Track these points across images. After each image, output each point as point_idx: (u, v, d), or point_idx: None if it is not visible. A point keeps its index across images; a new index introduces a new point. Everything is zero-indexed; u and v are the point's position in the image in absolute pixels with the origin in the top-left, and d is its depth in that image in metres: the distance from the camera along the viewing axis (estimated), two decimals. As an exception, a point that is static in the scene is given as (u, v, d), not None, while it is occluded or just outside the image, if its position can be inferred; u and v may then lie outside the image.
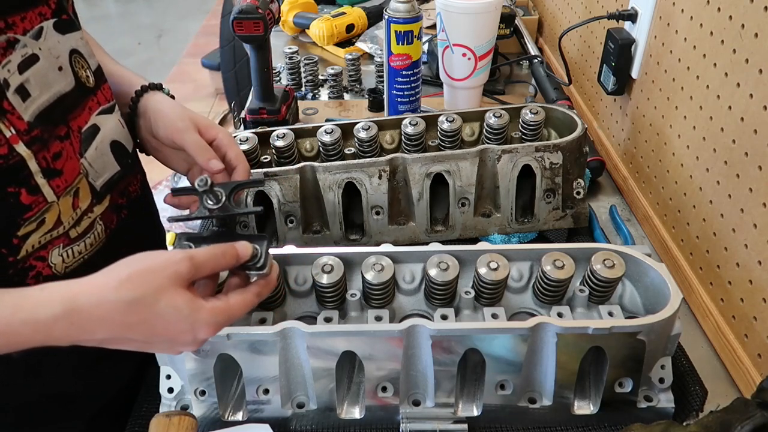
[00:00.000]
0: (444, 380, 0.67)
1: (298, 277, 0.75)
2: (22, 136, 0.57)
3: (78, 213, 0.65)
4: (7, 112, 0.55)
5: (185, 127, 0.71)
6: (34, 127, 0.58)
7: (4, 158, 0.56)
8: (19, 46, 0.57)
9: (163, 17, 4.76)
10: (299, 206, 0.88)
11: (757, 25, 0.71)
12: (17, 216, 0.58)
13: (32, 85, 0.58)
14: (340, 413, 0.68)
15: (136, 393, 0.76)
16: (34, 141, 0.58)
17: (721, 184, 0.80)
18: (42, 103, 0.60)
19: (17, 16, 0.57)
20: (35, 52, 0.59)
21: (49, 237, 0.62)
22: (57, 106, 0.62)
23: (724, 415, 0.55)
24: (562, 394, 0.68)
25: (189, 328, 0.53)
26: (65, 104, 0.63)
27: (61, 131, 0.63)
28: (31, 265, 0.61)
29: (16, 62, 0.57)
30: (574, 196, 0.92)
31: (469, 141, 1.00)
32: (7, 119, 0.56)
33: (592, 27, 1.21)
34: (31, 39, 0.59)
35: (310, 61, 1.38)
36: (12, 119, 0.56)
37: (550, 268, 0.70)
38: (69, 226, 0.64)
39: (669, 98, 0.93)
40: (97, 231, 0.68)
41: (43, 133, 0.59)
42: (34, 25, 0.59)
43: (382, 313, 0.69)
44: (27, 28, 0.58)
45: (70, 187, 0.63)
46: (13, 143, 0.56)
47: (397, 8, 1.08)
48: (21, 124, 0.57)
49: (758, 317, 0.73)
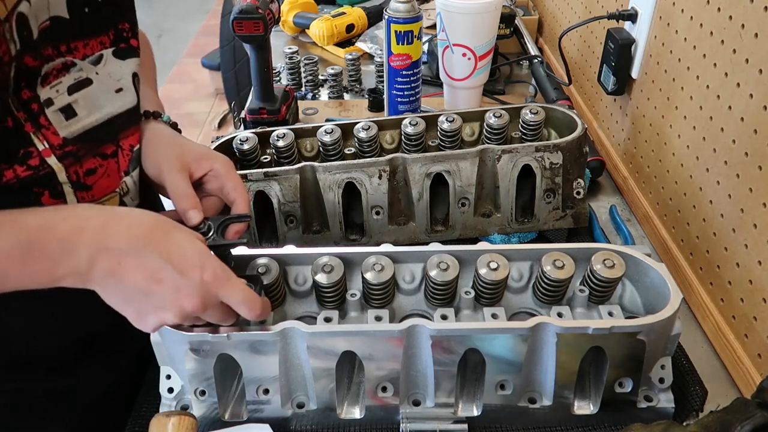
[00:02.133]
0: (444, 380, 0.67)
1: (298, 277, 0.75)
2: (54, 151, 0.60)
3: None
4: (42, 127, 0.59)
5: (168, 169, 0.68)
6: (70, 144, 0.61)
7: (35, 169, 0.59)
8: (75, 70, 0.61)
9: (163, 17, 4.76)
10: (299, 206, 0.88)
11: (757, 25, 0.71)
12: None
13: (80, 106, 0.62)
14: (340, 413, 0.68)
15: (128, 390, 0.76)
16: (67, 156, 0.61)
17: (721, 184, 0.80)
18: (89, 123, 0.63)
19: (80, 42, 0.62)
20: (90, 76, 0.63)
21: None
22: (107, 125, 0.65)
23: (724, 415, 0.55)
24: (562, 394, 0.68)
25: (198, 263, 0.57)
26: (117, 123, 0.67)
27: (108, 149, 0.66)
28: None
29: (67, 84, 0.61)
30: (574, 196, 0.92)
31: (469, 141, 1.00)
32: (42, 134, 0.59)
33: (592, 27, 1.21)
34: (88, 64, 0.63)
35: (310, 61, 1.38)
36: (47, 134, 0.59)
37: (550, 268, 0.70)
38: None
39: (669, 98, 0.93)
40: None
41: (79, 149, 0.62)
42: (95, 52, 0.63)
43: (382, 313, 0.69)
44: (87, 54, 0.63)
45: (95, 202, 0.65)
46: (45, 156, 0.59)
47: (397, 8, 1.08)
48: (56, 139, 0.60)
49: (758, 317, 0.73)
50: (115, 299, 0.57)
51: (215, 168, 0.70)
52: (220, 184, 0.70)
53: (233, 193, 0.69)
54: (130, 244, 0.56)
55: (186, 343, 0.64)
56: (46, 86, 0.58)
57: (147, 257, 0.56)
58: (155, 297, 0.57)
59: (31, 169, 0.58)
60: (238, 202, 0.69)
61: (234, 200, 0.69)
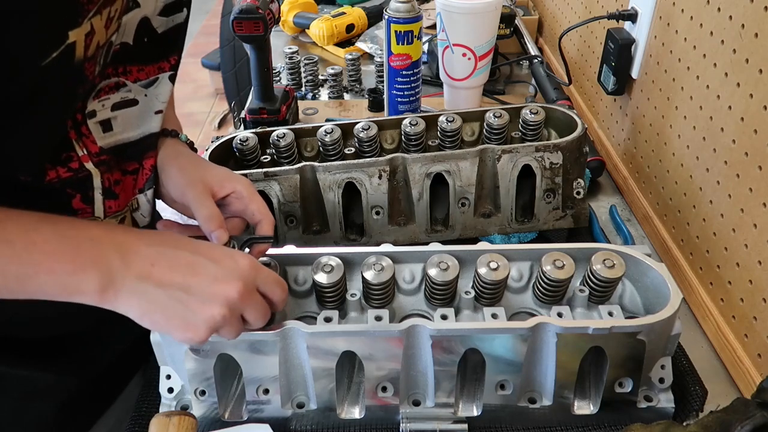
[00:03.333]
0: (444, 380, 0.67)
1: (298, 277, 0.75)
2: (92, 158, 0.63)
3: None
4: (83, 135, 0.62)
5: (194, 194, 0.69)
6: (105, 153, 0.64)
7: (75, 171, 0.62)
8: (124, 90, 0.65)
9: (163, 17, 4.74)
10: (299, 206, 0.88)
11: (757, 25, 0.71)
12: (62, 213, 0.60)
13: (117, 123, 0.65)
14: (340, 413, 0.68)
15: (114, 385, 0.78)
16: (102, 163, 0.64)
17: (721, 184, 0.80)
18: (120, 139, 0.66)
19: (135, 67, 0.66)
20: (137, 97, 0.67)
21: None
22: (137, 144, 0.68)
23: (724, 415, 0.55)
24: (562, 394, 0.68)
25: (229, 253, 0.60)
26: (146, 144, 0.69)
27: (130, 166, 0.69)
28: None
29: (113, 101, 0.64)
30: (574, 196, 0.92)
31: (469, 141, 1.00)
32: (83, 141, 0.62)
33: (592, 27, 1.21)
34: (139, 87, 0.67)
35: (310, 61, 1.38)
36: (87, 142, 0.62)
37: (550, 268, 0.70)
38: None
39: (669, 98, 0.93)
40: None
41: (110, 160, 0.65)
42: (149, 77, 0.67)
43: (382, 313, 0.69)
44: (140, 78, 0.67)
45: (119, 213, 0.68)
46: (83, 161, 0.62)
47: (397, 8, 1.08)
48: (94, 147, 0.63)
49: (758, 317, 0.73)
50: (156, 313, 0.56)
51: (237, 190, 0.72)
52: (243, 206, 0.72)
53: (258, 215, 0.72)
54: (160, 246, 0.57)
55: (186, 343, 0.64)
56: (95, 99, 0.62)
57: (178, 254, 0.57)
58: (196, 291, 0.56)
59: (72, 171, 0.61)
60: (263, 223, 0.72)
61: (259, 221, 0.72)
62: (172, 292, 0.55)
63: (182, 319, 0.56)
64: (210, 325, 0.56)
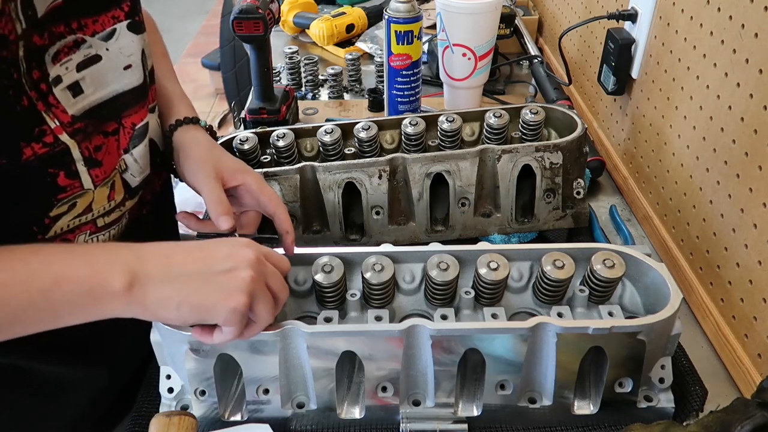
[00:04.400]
0: (444, 380, 0.67)
1: (298, 277, 0.75)
2: (65, 128, 0.60)
3: (112, 205, 0.68)
4: (52, 105, 0.59)
5: (205, 176, 0.71)
6: (78, 121, 0.62)
7: (50, 146, 0.59)
8: (84, 47, 0.62)
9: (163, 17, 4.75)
10: (299, 206, 0.88)
11: (757, 25, 0.71)
12: (52, 195, 0.61)
13: (87, 83, 0.62)
14: (340, 413, 0.68)
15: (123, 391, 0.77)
16: (77, 132, 0.62)
17: (721, 184, 0.80)
18: (94, 100, 0.64)
19: (90, 19, 0.62)
20: (99, 52, 0.63)
21: (77, 222, 0.65)
22: (111, 103, 0.66)
23: (724, 415, 0.55)
24: (562, 394, 0.68)
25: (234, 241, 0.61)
26: (121, 102, 0.67)
27: (110, 127, 0.66)
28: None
29: (76, 61, 0.61)
30: (574, 196, 0.92)
31: (469, 141, 1.00)
32: (53, 112, 0.59)
33: (592, 27, 1.21)
34: (99, 40, 0.63)
35: (310, 61, 1.38)
36: (57, 112, 0.60)
37: (550, 268, 0.70)
38: (98, 214, 0.67)
39: (669, 98, 0.93)
40: (122, 223, 0.71)
41: (87, 126, 0.63)
42: (105, 28, 0.64)
43: (382, 313, 0.69)
44: (97, 30, 0.63)
45: (107, 179, 0.66)
46: (57, 133, 0.60)
47: (397, 8, 1.08)
48: (65, 117, 0.61)
49: (758, 317, 0.73)
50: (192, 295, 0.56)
51: (247, 182, 0.73)
52: (254, 198, 0.74)
53: (270, 205, 0.73)
54: (167, 245, 0.58)
55: (186, 343, 0.64)
56: (56, 64, 0.59)
57: (187, 246, 0.59)
58: (217, 266, 0.57)
59: (47, 146, 0.59)
60: (278, 213, 0.73)
61: (273, 212, 0.73)
62: (196, 273, 0.56)
63: (219, 291, 0.56)
64: (246, 289, 0.57)
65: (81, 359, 0.72)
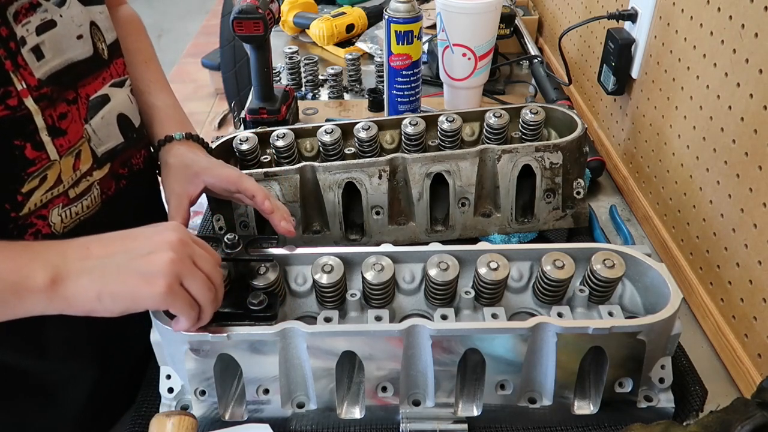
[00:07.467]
0: (444, 380, 0.67)
1: (298, 277, 0.75)
2: (32, 92, 0.60)
3: (78, 174, 0.68)
4: (20, 66, 0.59)
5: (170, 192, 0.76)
6: (44, 86, 0.62)
7: (13, 110, 0.59)
8: (41, 10, 0.62)
9: (163, 17, 4.75)
10: (299, 206, 0.88)
11: (757, 25, 0.71)
12: (22, 170, 0.61)
13: (46, 48, 0.62)
14: (340, 413, 0.68)
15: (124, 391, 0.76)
16: (43, 98, 0.62)
17: (721, 184, 0.80)
18: (54, 66, 0.64)
19: None
20: (54, 18, 0.64)
21: (50, 195, 0.64)
22: (68, 71, 0.66)
23: (724, 415, 0.55)
24: (562, 394, 0.68)
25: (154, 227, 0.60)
26: (77, 71, 0.67)
27: (69, 95, 0.66)
28: (31, 222, 0.63)
29: (35, 24, 0.61)
30: (574, 196, 0.92)
31: (469, 141, 1.00)
32: (20, 74, 0.59)
33: (592, 27, 1.21)
34: (53, 5, 0.63)
35: (310, 61, 1.38)
36: (24, 74, 0.60)
37: (550, 268, 0.70)
38: (68, 185, 0.66)
39: (669, 98, 0.93)
40: (94, 194, 0.70)
41: (52, 92, 0.63)
42: None
43: (382, 313, 0.69)
44: None
45: (72, 148, 0.66)
46: (23, 96, 0.60)
47: (397, 8, 1.08)
48: (32, 80, 0.61)
49: (758, 317, 0.73)
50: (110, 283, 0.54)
51: (208, 183, 0.77)
52: (227, 194, 0.78)
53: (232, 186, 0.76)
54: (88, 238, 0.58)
55: (186, 343, 0.64)
56: (18, 24, 0.59)
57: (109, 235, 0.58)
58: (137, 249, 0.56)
59: (10, 108, 0.58)
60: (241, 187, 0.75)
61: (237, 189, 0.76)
62: (115, 258, 0.55)
63: (138, 276, 0.55)
64: (166, 272, 0.55)
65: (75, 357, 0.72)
